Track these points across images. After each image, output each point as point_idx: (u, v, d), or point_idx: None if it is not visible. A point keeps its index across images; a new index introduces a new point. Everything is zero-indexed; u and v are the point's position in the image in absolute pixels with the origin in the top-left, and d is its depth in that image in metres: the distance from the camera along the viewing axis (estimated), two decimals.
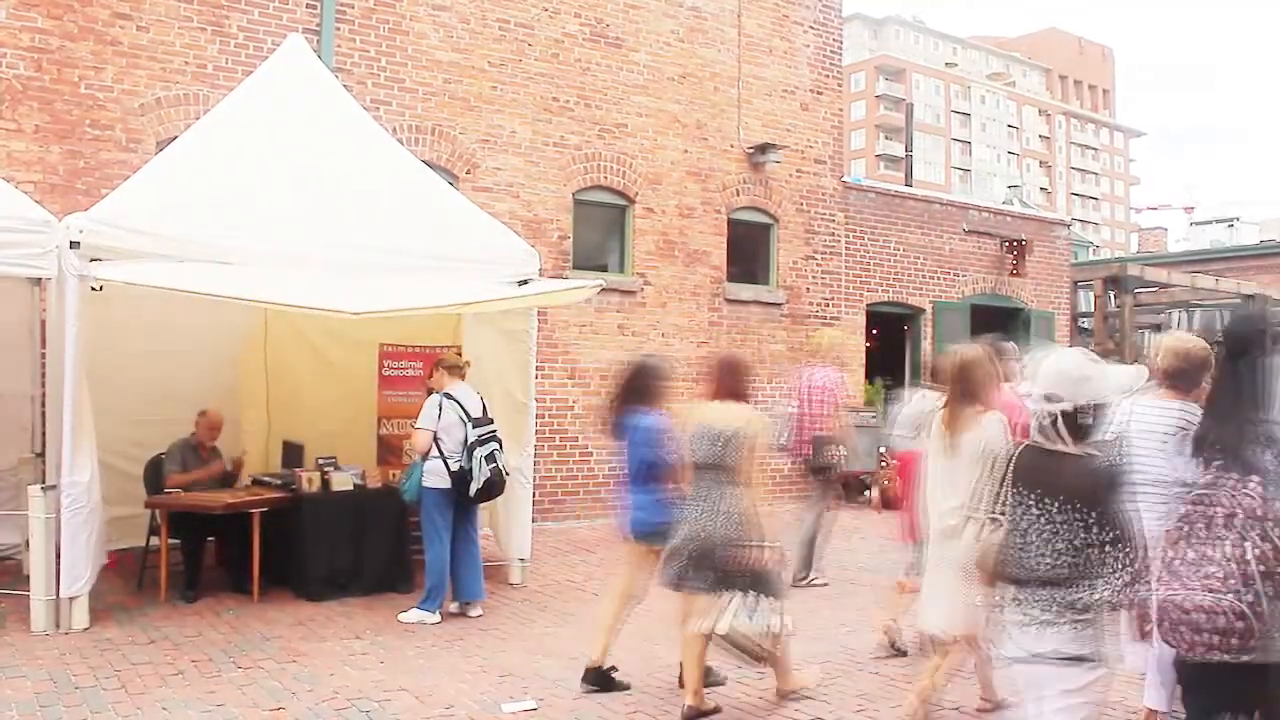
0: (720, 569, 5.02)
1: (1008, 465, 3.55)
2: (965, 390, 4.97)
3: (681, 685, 5.32)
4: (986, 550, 3.56)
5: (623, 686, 5.56)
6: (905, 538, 6.06)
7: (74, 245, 6.28)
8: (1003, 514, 3.51)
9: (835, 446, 8.46)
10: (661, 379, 5.99)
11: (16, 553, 7.85)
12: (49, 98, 8.85)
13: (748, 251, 13.19)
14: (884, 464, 11.60)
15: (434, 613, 6.90)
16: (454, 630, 6.72)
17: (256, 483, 8.08)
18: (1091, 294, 18.92)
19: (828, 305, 13.78)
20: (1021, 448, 3.56)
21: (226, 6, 9.64)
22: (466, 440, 6.97)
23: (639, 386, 5.84)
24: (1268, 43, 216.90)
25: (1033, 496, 3.40)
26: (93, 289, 6.35)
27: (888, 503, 10.93)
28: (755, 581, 5.08)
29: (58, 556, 6.32)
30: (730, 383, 5.44)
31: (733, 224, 12.93)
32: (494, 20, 11.16)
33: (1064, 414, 3.38)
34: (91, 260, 6.32)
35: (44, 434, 7.66)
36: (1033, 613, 3.37)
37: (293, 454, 8.27)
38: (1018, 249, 16.03)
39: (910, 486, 5.92)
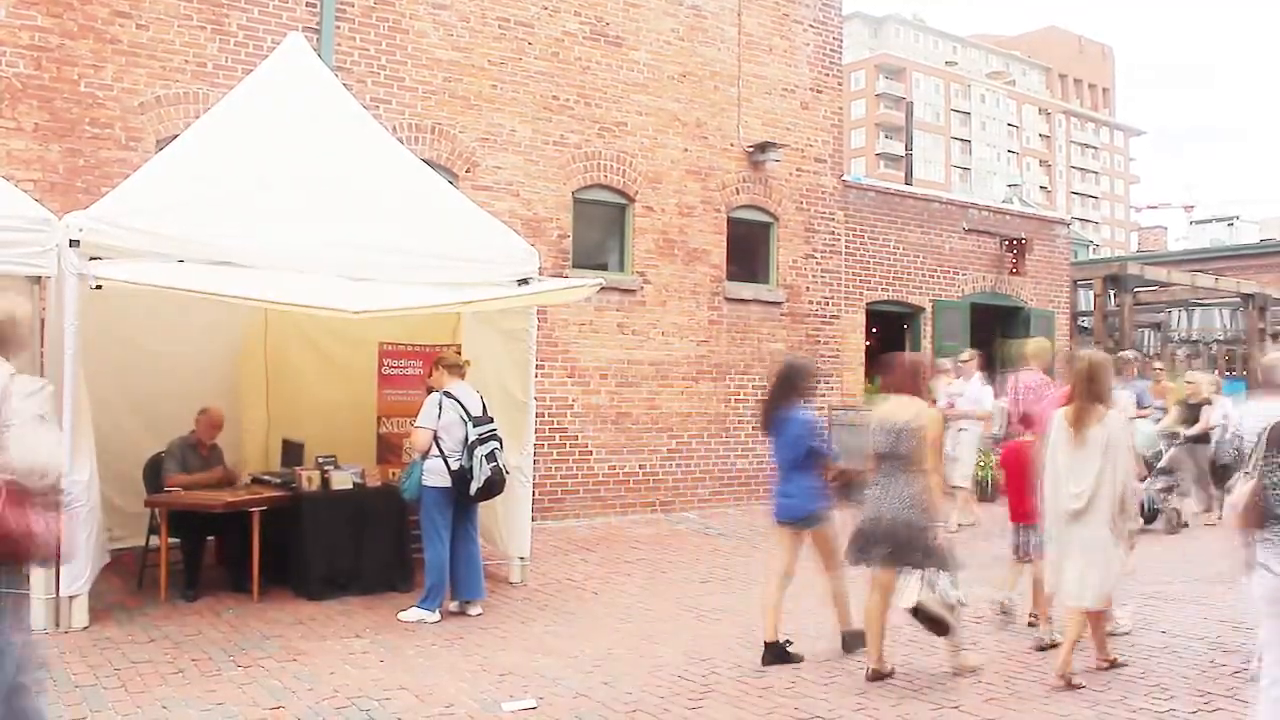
0: (901, 547, 5.64)
1: (1261, 435, 4.32)
2: (1093, 391, 5.72)
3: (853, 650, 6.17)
4: (1242, 498, 4.34)
5: (798, 659, 6.07)
6: (1015, 520, 6.89)
7: (74, 244, 6.28)
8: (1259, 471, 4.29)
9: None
10: (810, 377, 6.63)
11: None
12: (49, 96, 8.85)
13: (747, 250, 13.19)
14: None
15: (434, 611, 6.90)
16: (454, 629, 6.72)
17: (256, 481, 8.08)
18: (1091, 293, 18.96)
19: (828, 304, 13.78)
20: (1274, 422, 4.29)
21: (226, 5, 9.63)
22: (467, 439, 6.97)
23: (790, 384, 6.31)
24: (1266, 42, 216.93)
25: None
26: (92, 287, 6.35)
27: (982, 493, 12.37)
28: (933, 557, 5.72)
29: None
30: (904, 380, 5.99)
31: (732, 223, 12.92)
32: (494, 19, 11.16)
33: None
34: (91, 259, 6.32)
35: None
36: None
37: (293, 452, 8.27)
38: (1017, 248, 16.03)
39: (1015, 475, 6.75)
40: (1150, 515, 10.65)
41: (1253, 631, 6.71)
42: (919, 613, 5.78)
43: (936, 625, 5.84)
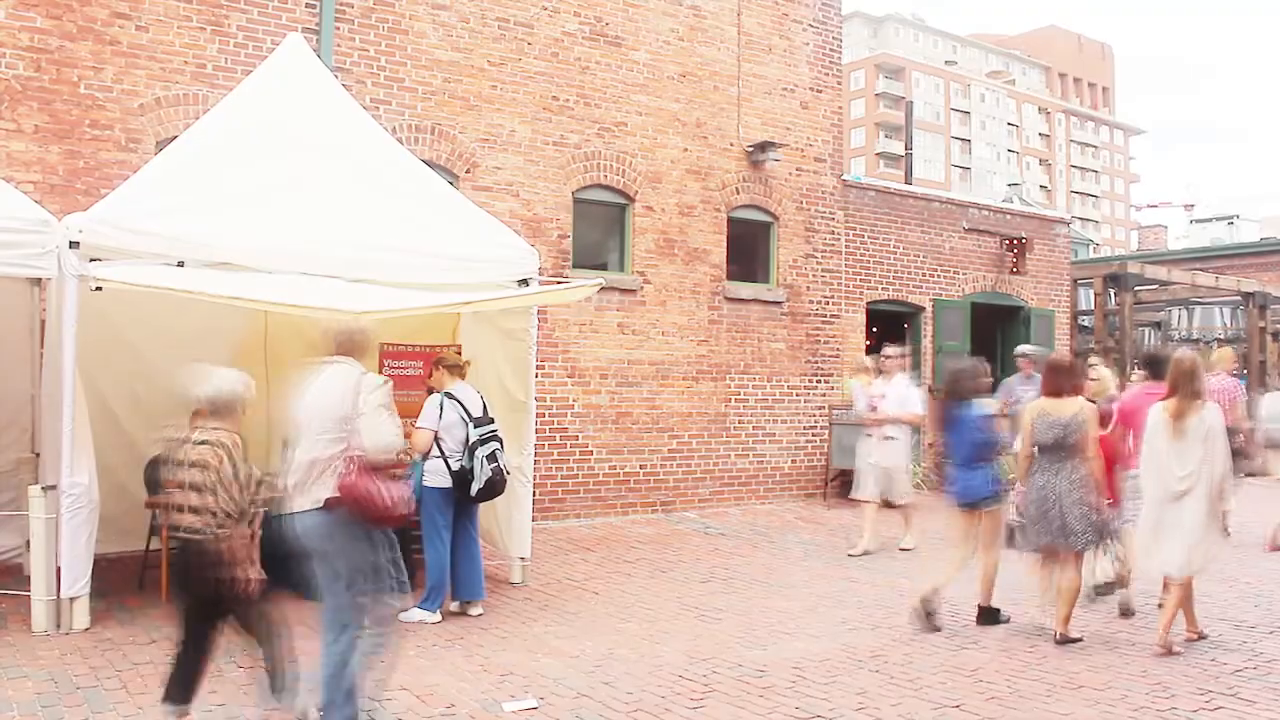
0: (1076, 530, 6.54)
1: None
2: (1193, 388, 6.42)
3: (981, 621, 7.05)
4: None
5: (1005, 619, 7.07)
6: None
7: (73, 245, 6.28)
8: None
9: (1237, 436, 9.71)
10: (982, 378, 7.48)
11: (18, 553, 7.84)
12: (48, 98, 8.85)
13: (747, 250, 13.19)
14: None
15: (435, 612, 6.90)
16: (454, 629, 6.72)
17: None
18: (1092, 292, 18.97)
19: (828, 303, 13.78)
20: None
21: (226, 6, 9.63)
22: (468, 440, 6.97)
23: (966, 384, 7.25)
24: (1265, 42, 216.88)
25: None
26: (92, 289, 6.35)
27: None
28: (1100, 531, 6.64)
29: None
30: (1063, 381, 6.86)
31: (732, 222, 12.93)
32: (493, 19, 11.16)
33: None
34: (91, 260, 6.33)
35: (33, 434, 7.66)
36: None
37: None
38: (1018, 247, 16.03)
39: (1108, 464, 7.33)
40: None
41: (1253, 630, 6.77)
42: (1103, 586, 7.27)
43: (1110, 587, 7.33)
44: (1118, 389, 10.05)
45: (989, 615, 7.06)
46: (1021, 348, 11.40)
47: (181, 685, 4.67)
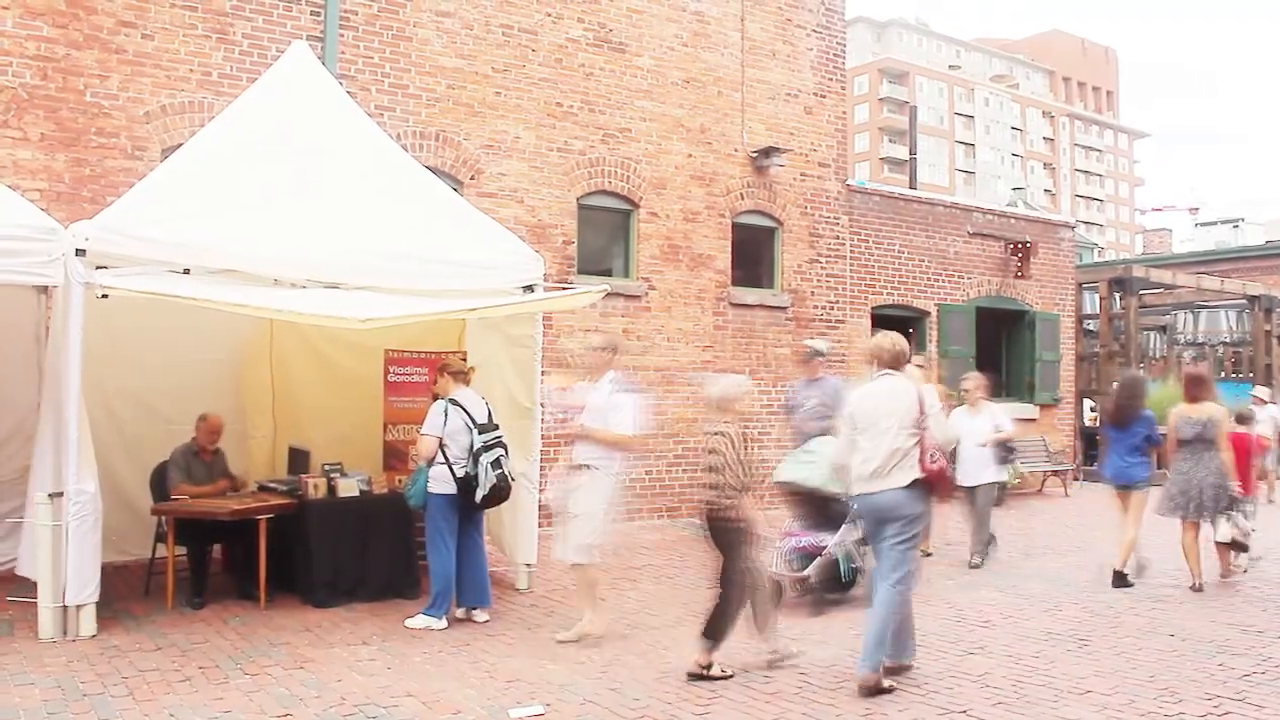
0: (1211, 502, 8.42)
1: None
2: None
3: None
4: None
5: (1130, 584, 8.47)
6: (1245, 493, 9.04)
7: (80, 253, 6.29)
8: None
9: None
10: (1147, 388, 9.41)
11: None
12: (55, 106, 8.88)
13: (752, 255, 13.20)
14: None
15: (440, 618, 6.89)
16: (460, 636, 6.71)
17: (263, 489, 8.08)
18: (1096, 296, 18.92)
19: (832, 308, 13.77)
20: None
21: (231, 14, 9.67)
22: (472, 446, 6.97)
23: (1135, 392, 8.92)
24: (1267, 47, 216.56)
25: None
26: (98, 297, 6.36)
27: None
28: (1230, 505, 8.58)
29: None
30: (1200, 388, 8.67)
31: (737, 228, 12.93)
32: (498, 26, 11.18)
33: None
34: (97, 268, 6.34)
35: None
36: None
37: (299, 460, 8.28)
38: (1022, 251, 16.02)
39: (1241, 458, 8.99)
40: (848, 578, 7.77)
41: (1262, 635, 6.76)
42: (1231, 544, 8.82)
43: (1239, 546, 8.87)
44: (984, 396, 9.88)
45: (1120, 579, 8.51)
46: (812, 343, 9.50)
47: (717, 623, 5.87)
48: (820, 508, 7.81)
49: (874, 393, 5.89)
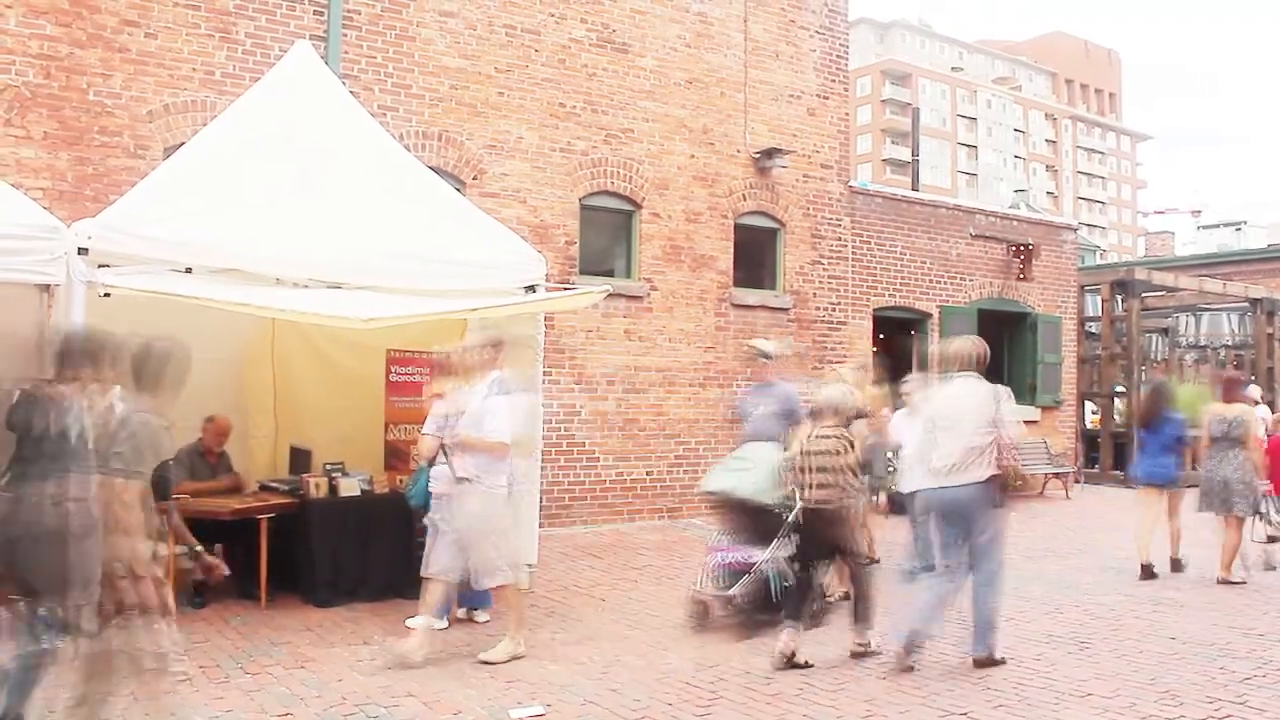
0: (1234, 495, 8.80)
1: None
2: None
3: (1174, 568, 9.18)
4: None
5: (1154, 575, 8.99)
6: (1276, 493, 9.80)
7: (82, 252, 6.29)
8: None
9: None
10: (1174, 391, 9.81)
11: None
12: (57, 105, 8.89)
13: (754, 256, 13.20)
14: None
15: (441, 619, 6.89)
16: (462, 636, 6.72)
17: (264, 489, 8.08)
18: (1098, 298, 18.90)
19: (834, 310, 13.77)
20: None
21: (234, 13, 9.67)
22: None
23: (1163, 397, 9.48)
24: (1270, 50, 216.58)
25: None
26: (101, 295, 6.36)
27: None
28: (1258, 502, 9.04)
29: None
30: (1235, 390, 9.31)
31: (739, 229, 12.93)
32: (501, 26, 11.19)
33: None
34: (99, 266, 6.34)
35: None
36: None
37: (300, 460, 8.28)
38: (1024, 253, 16.01)
39: (1275, 462, 9.79)
40: (779, 598, 6.57)
41: (1263, 638, 6.75)
42: (1271, 539, 9.46)
43: (1273, 540, 9.48)
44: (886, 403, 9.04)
45: (1177, 565, 9.27)
46: (759, 344, 8.67)
47: (795, 608, 6.26)
48: (751, 520, 6.99)
49: (953, 393, 6.31)
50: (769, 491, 6.67)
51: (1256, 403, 13.20)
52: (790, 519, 6.47)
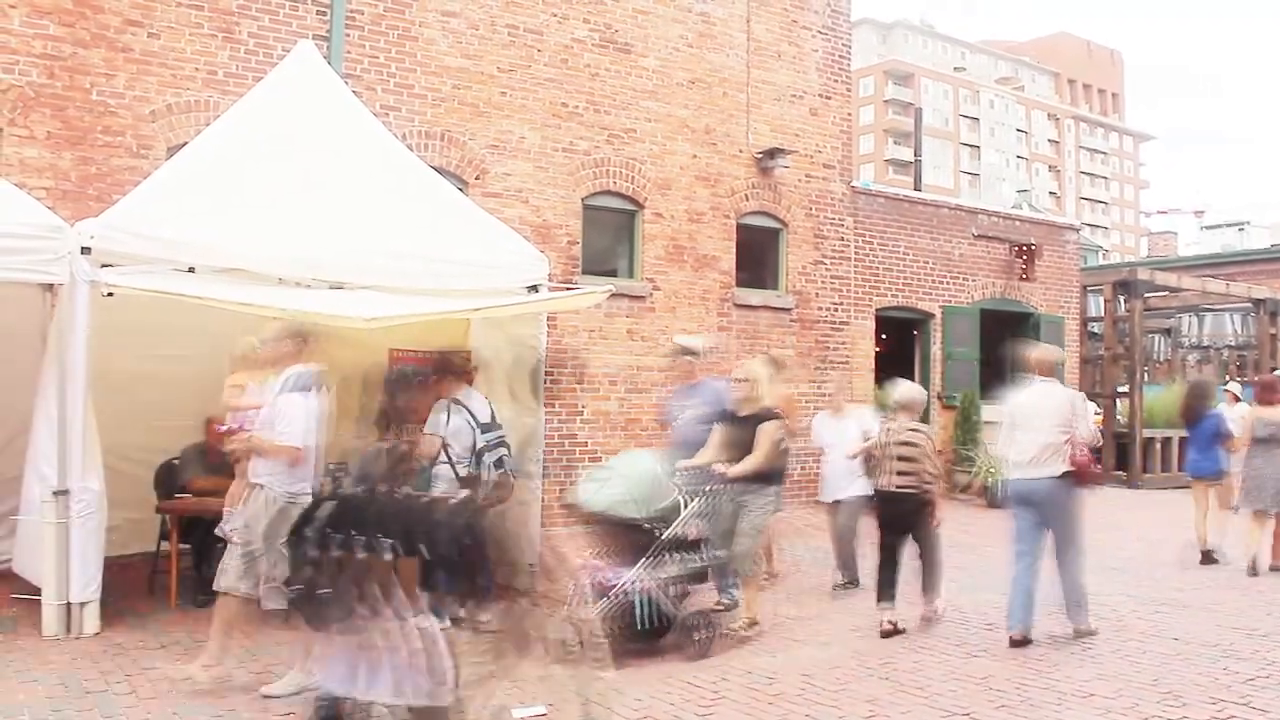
0: (1278, 495, 9.29)
1: None
2: None
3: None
4: None
5: (1216, 561, 9.60)
6: None
7: (85, 251, 6.30)
8: None
9: None
10: (1213, 389, 10.75)
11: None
12: (61, 104, 8.89)
13: (757, 256, 13.19)
14: None
15: (443, 618, 6.87)
16: (462, 635, 6.69)
17: None
18: (1101, 298, 18.88)
19: (837, 310, 13.76)
20: None
21: (237, 13, 9.68)
22: (475, 446, 6.96)
23: (1204, 395, 10.22)
24: (1272, 51, 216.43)
25: None
26: (104, 295, 6.37)
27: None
28: None
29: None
30: (1273, 393, 9.58)
31: (742, 229, 12.92)
32: (503, 26, 11.19)
33: None
34: (102, 266, 6.35)
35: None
36: None
37: None
38: (1027, 253, 16.00)
39: None
40: (648, 624, 6.17)
41: (1266, 639, 6.74)
42: None
43: None
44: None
45: (1206, 557, 9.73)
46: (684, 340, 8.25)
47: (888, 587, 6.96)
48: (614, 536, 6.39)
49: (1031, 396, 6.96)
50: (637, 505, 6.10)
51: (1238, 399, 13.32)
52: (667, 536, 5.97)
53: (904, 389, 7.50)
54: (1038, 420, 6.79)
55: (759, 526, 6.91)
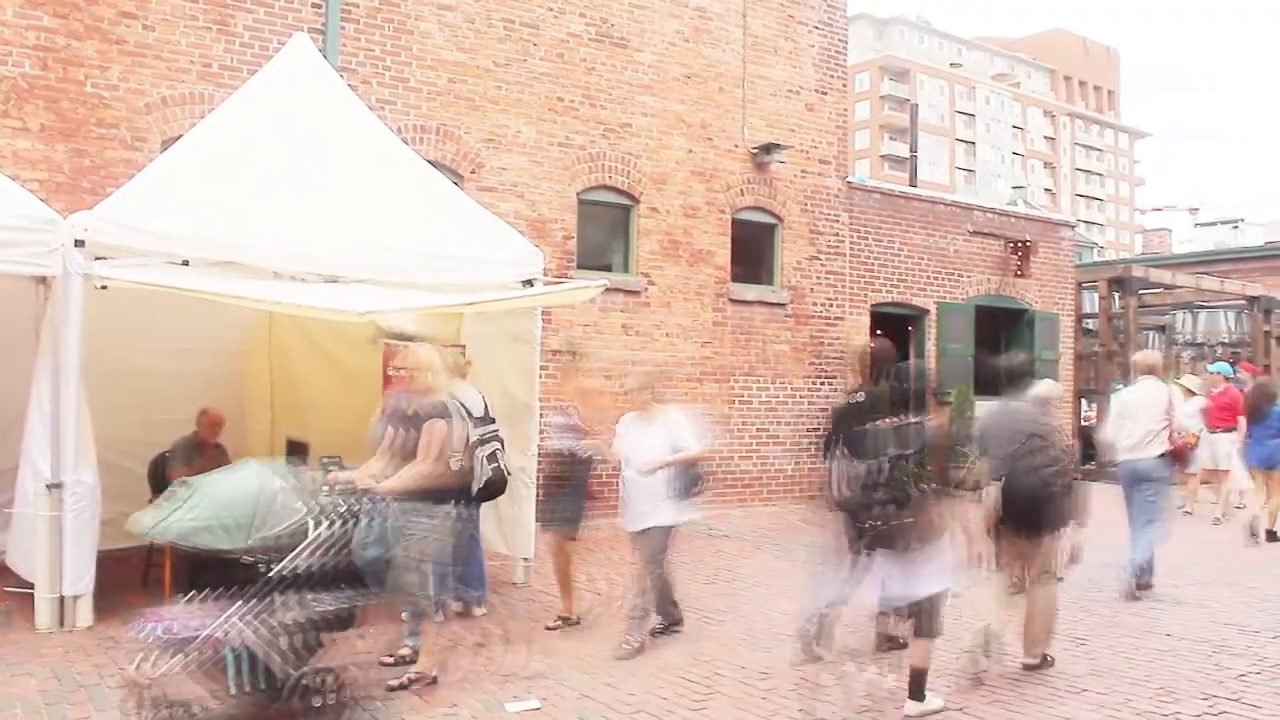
0: None
1: None
2: None
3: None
4: None
5: (1277, 538, 10.73)
6: None
7: (79, 244, 6.29)
8: None
9: None
10: (1276, 390, 11.43)
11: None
12: (55, 96, 8.86)
13: (752, 252, 13.19)
14: None
15: (438, 612, 6.87)
16: (458, 630, 6.70)
17: None
18: (1096, 295, 18.90)
19: (832, 305, 13.77)
20: None
21: (232, 6, 9.65)
22: (468, 440, 6.94)
23: (1267, 393, 11.21)
24: (1268, 48, 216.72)
25: None
26: (97, 288, 6.35)
27: None
28: None
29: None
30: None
31: (737, 224, 12.92)
32: (499, 20, 11.17)
33: None
34: (96, 259, 6.33)
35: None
36: None
37: (297, 453, 8.22)
38: (1022, 250, 16.01)
39: None
40: (265, 683, 4.52)
41: (1258, 635, 6.76)
42: None
43: None
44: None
45: (1273, 536, 10.74)
46: (400, 325, 6.61)
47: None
48: (204, 573, 5.19)
49: (1136, 391, 8.39)
50: (227, 532, 5.11)
51: (1193, 394, 13.46)
52: (275, 573, 4.42)
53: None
54: (1142, 411, 8.18)
55: (425, 554, 5.38)
